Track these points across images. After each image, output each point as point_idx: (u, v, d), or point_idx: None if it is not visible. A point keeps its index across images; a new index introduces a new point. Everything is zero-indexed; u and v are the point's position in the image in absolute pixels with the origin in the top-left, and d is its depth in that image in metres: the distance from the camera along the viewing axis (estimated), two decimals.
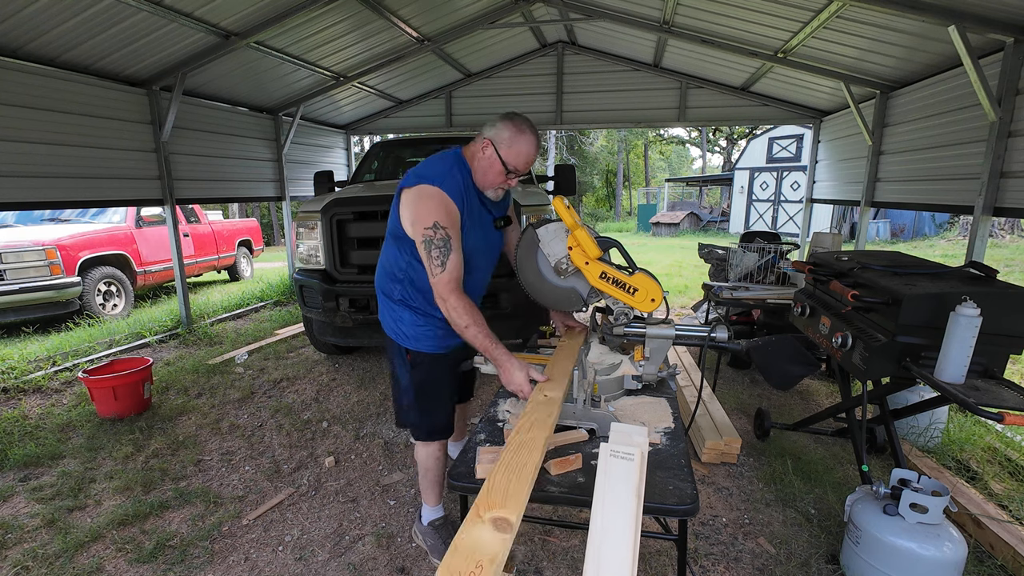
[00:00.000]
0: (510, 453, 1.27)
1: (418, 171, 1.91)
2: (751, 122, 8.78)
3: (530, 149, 1.86)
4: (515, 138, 1.84)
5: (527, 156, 1.86)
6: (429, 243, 1.79)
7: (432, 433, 2.14)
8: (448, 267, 1.79)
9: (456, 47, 6.77)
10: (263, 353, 5.08)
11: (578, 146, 27.07)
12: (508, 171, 1.87)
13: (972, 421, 3.26)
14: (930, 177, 4.44)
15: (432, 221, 1.78)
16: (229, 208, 20.73)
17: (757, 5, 4.40)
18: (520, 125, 1.86)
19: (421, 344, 2.04)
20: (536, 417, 1.46)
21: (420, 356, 2.05)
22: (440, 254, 1.78)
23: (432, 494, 2.27)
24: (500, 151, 1.85)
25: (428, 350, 2.05)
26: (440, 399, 2.12)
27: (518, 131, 1.84)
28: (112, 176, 4.79)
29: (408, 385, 2.09)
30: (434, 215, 1.78)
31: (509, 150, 1.84)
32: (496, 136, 1.85)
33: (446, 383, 2.13)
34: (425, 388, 2.08)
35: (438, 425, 2.14)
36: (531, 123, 1.90)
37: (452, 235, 1.80)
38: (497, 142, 1.85)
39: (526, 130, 1.86)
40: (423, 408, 2.10)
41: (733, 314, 4.54)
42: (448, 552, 0.95)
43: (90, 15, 3.80)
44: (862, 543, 2.00)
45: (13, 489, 2.80)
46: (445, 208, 1.80)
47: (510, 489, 1.12)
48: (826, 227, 15.74)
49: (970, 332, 1.81)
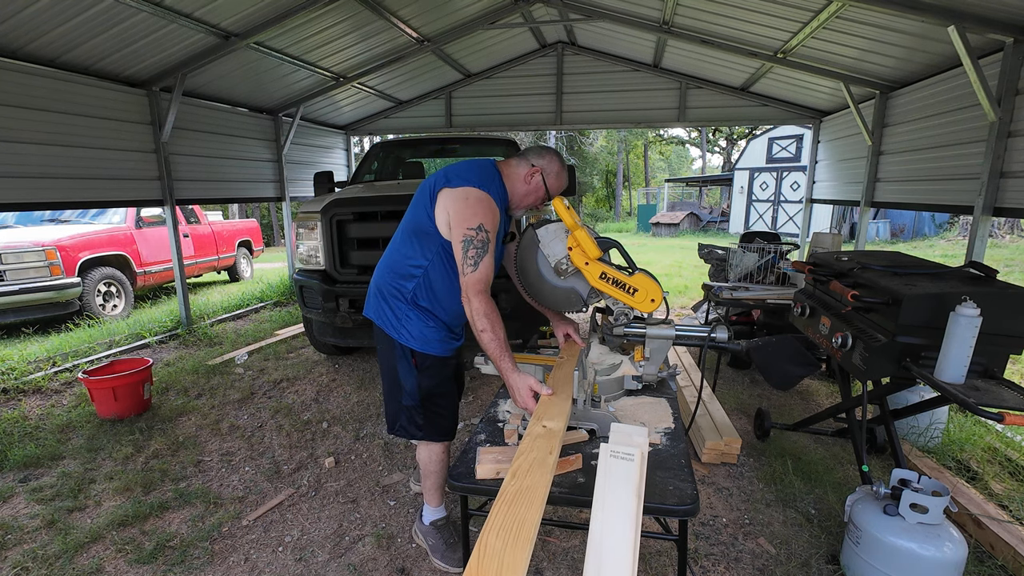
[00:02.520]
0: (505, 506, 1.07)
1: (460, 174, 1.92)
2: (751, 122, 8.78)
3: (564, 183, 2.06)
4: (561, 173, 2.03)
5: (562, 187, 2.05)
6: (469, 243, 1.81)
7: (438, 435, 2.13)
8: (480, 268, 1.81)
9: (456, 47, 6.78)
10: (263, 354, 5.07)
11: (578, 146, 27.06)
12: (550, 199, 2.03)
13: (972, 421, 3.26)
14: (930, 177, 4.44)
15: (478, 223, 1.82)
16: (229, 209, 20.72)
17: (757, 5, 4.40)
18: (563, 163, 2.06)
19: (429, 347, 2.01)
20: (536, 456, 1.27)
21: (428, 359, 2.03)
22: (476, 254, 1.81)
23: (435, 495, 2.26)
24: (547, 180, 1.99)
25: (436, 352, 2.03)
26: (447, 401, 2.13)
27: (563, 168, 2.04)
28: (112, 177, 4.79)
29: (414, 388, 2.04)
30: (480, 217, 1.83)
31: (556, 181, 2.01)
32: (547, 167, 2.00)
33: (451, 385, 2.14)
34: (433, 392, 2.07)
35: (445, 427, 2.13)
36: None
37: (491, 240, 1.85)
38: (547, 172, 1.99)
39: (564, 165, 2.06)
40: (430, 411, 2.08)
41: (733, 314, 4.54)
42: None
43: (90, 16, 3.80)
44: (862, 543, 2.00)
45: (13, 490, 2.80)
46: (492, 213, 1.87)
47: (505, 558, 0.93)
48: (826, 227, 15.74)
49: (970, 332, 1.81)
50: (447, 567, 2.17)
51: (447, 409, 2.13)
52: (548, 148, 2.05)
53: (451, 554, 2.19)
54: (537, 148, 2.06)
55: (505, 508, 1.07)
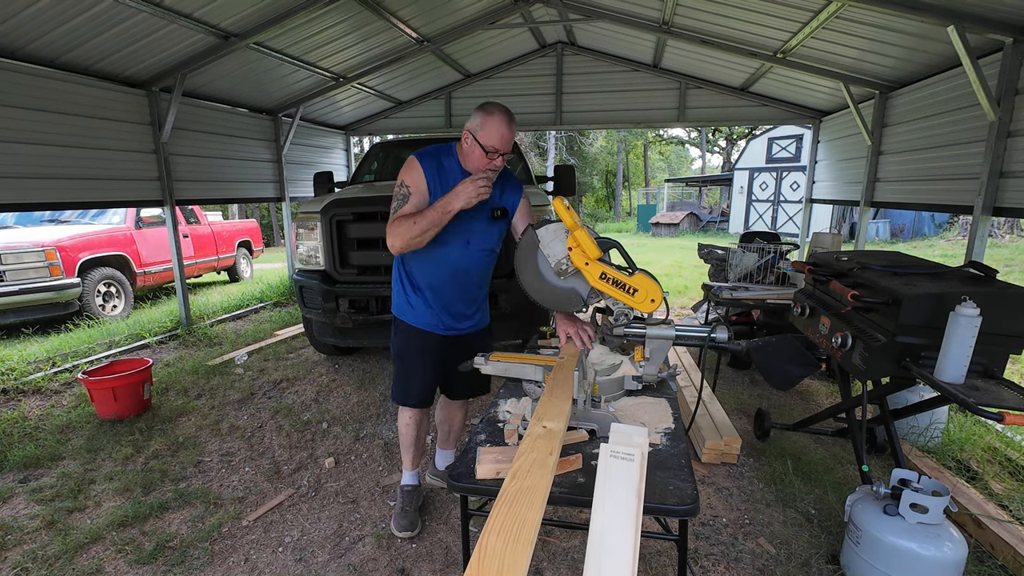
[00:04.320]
0: (505, 507, 1.06)
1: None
2: (751, 122, 8.79)
3: (501, 127, 1.99)
4: (485, 120, 2.00)
5: (500, 134, 1.99)
6: (394, 198, 2.10)
7: (403, 398, 2.37)
8: (397, 214, 2.06)
9: (456, 48, 6.78)
10: (263, 354, 5.07)
11: (578, 147, 27.07)
12: (487, 152, 2.01)
13: (972, 421, 3.26)
14: (929, 177, 4.44)
15: (401, 180, 2.10)
16: (229, 209, 20.72)
17: (756, 6, 4.40)
18: (488, 109, 2.02)
19: (403, 314, 2.29)
20: (536, 457, 1.26)
21: (401, 324, 2.31)
22: (397, 204, 2.09)
23: (405, 459, 2.53)
24: (477, 137, 2.01)
25: (408, 320, 2.28)
26: (413, 370, 2.33)
27: (487, 114, 2.01)
28: (112, 177, 4.79)
29: (392, 349, 2.37)
30: (403, 176, 2.10)
31: (482, 132, 2.00)
32: (471, 125, 2.04)
33: (421, 358, 2.32)
34: (402, 355, 2.33)
35: (408, 392, 2.36)
36: (502, 107, 2.04)
37: (413, 192, 2.06)
38: (473, 129, 2.02)
39: (494, 112, 2.00)
40: (399, 372, 2.36)
41: (733, 314, 4.54)
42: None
43: (90, 16, 3.80)
44: (862, 543, 2.00)
45: (13, 490, 2.80)
46: (415, 172, 2.08)
47: (506, 559, 0.93)
48: (826, 227, 15.75)
49: (970, 332, 1.81)
50: (393, 530, 2.43)
51: (412, 378, 2.35)
52: (478, 106, 2.05)
53: (400, 519, 2.42)
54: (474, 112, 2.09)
55: (505, 509, 1.06)
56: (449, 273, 2.19)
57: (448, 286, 2.22)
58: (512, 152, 2.17)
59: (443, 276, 2.19)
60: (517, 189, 2.26)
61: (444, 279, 2.20)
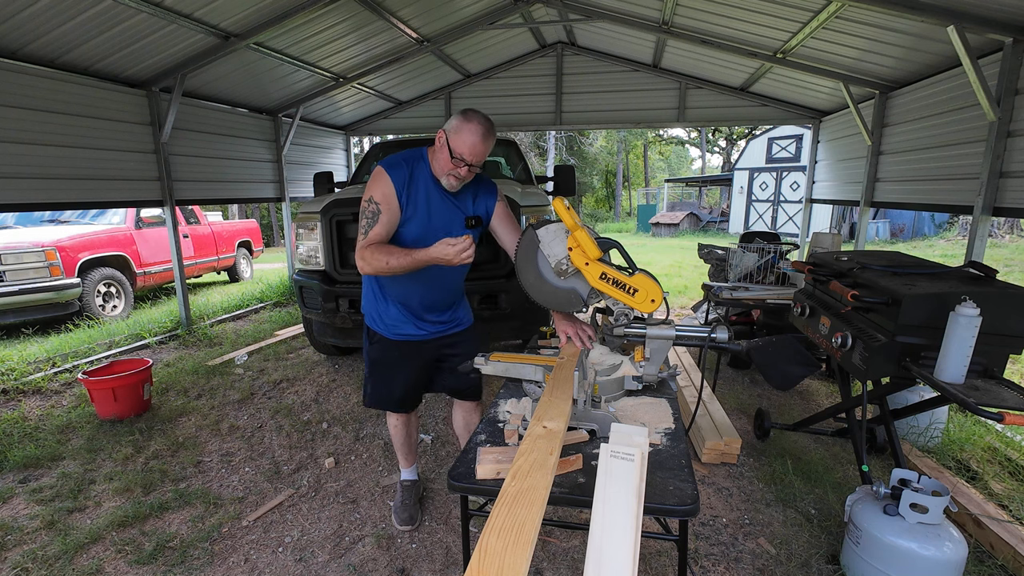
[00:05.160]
0: (505, 508, 1.06)
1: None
2: (750, 122, 8.79)
3: (473, 138, 1.90)
4: (461, 126, 1.91)
5: (470, 144, 1.90)
6: (362, 214, 1.99)
7: (384, 403, 2.39)
8: (369, 237, 1.96)
9: (455, 48, 6.78)
10: (263, 354, 5.07)
11: (577, 147, 27.08)
12: (454, 157, 1.93)
13: (972, 421, 3.26)
14: (929, 177, 4.44)
15: (369, 195, 1.98)
16: (229, 209, 20.72)
17: (756, 6, 4.40)
18: (469, 116, 1.93)
19: (376, 325, 2.26)
20: (536, 457, 1.26)
21: (375, 335, 2.28)
22: (367, 224, 1.97)
23: (399, 458, 2.59)
24: (449, 139, 1.94)
25: (381, 332, 2.25)
26: (388, 378, 2.34)
27: (465, 120, 1.92)
28: (112, 177, 4.79)
29: (366, 359, 2.35)
30: (371, 191, 1.98)
31: (455, 136, 1.92)
32: (447, 125, 1.97)
33: (396, 367, 2.31)
34: (376, 364, 2.33)
35: (383, 397, 2.37)
36: (483, 116, 1.95)
37: (383, 210, 1.96)
38: (448, 131, 1.95)
39: (472, 120, 1.92)
40: (374, 380, 2.36)
41: (733, 314, 4.54)
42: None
43: (90, 16, 3.80)
44: (862, 543, 2.00)
45: (13, 491, 2.80)
46: (382, 185, 1.97)
47: (506, 560, 0.93)
48: (826, 227, 15.75)
49: (970, 332, 1.81)
50: (395, 523, 2.49)
51: (387, 385, 2.35)
52: (464, 110, 1.97)
53: (401, 512, 2.49)
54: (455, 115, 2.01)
55: (505, 510, 1.06)
56: (423, 286, 2.14)
57: (422, 296, 2.17)
58: (504, 156, 2.13)
59: (417, 288, 2.14)
60: (491, 193, 2.18)
61: (418, 290, 2.15)
